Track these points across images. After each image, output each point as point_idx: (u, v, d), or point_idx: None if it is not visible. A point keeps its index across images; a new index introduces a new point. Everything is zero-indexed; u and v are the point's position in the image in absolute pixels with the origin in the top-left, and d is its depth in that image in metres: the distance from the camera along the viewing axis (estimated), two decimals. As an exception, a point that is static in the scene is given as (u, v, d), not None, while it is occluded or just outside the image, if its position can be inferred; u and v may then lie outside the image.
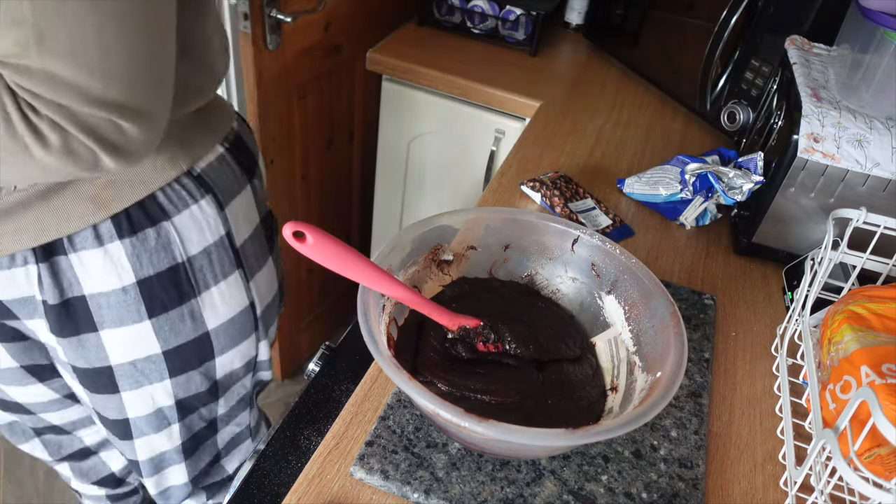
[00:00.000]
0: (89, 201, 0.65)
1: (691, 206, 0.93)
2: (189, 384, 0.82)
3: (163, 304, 0.73)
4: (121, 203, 0.66)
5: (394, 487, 0.57)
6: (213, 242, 0.74)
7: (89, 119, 0.52)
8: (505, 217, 0.67)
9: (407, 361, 0.60)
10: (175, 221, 0.70)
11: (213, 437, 0.95)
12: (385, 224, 1.75)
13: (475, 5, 1.47)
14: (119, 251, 0.68)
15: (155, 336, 0.75)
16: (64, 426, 0.98)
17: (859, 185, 0.79)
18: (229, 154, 0.76)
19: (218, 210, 0.74)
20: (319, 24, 1.33)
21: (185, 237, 0.72)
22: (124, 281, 0.70)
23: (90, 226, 0.66)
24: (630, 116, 1.24)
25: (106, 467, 1.10)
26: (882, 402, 0.51)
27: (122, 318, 0.72)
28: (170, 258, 0.71)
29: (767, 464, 0.65)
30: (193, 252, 0.73)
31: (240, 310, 0.81)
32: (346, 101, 1.55)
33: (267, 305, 0.87)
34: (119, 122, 0.54)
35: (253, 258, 0.82)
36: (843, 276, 0.76)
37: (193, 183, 0.71)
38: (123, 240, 0.68)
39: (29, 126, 0.50)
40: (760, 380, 0.73)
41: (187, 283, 0.74)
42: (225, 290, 0.78)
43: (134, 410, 0.81)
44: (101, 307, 0.71)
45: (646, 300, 0.61)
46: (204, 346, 0.80)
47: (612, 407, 0.59)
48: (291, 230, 0.50)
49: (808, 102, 0.80)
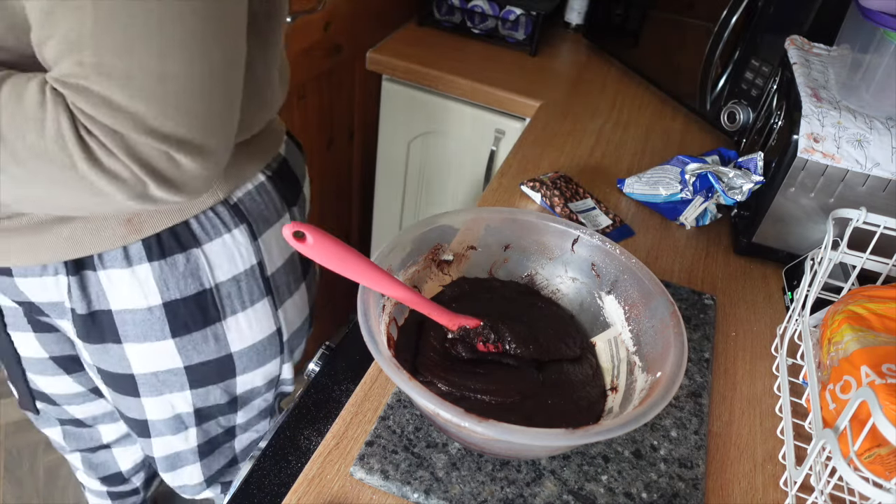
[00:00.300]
0: (124, 223, 0.65)
1: (691, 206, 0.93)
2: (208, 396, 0.82)
3: (187, 325, 0.73)
4: (154, 227, 0.66)
5: (394, 487, 0.57)
6: (244, 271, 0.74)
7: (142, 148, 0.51)
8: (505, 217, 0.67)
9: (407, 361, 0.60)
10: (205, 249, 0.70)
11: (231, 442, 0.96)
12: (385, 224, 1.75)
13: (475, 5, 1.47)
14: (147, 273, 0.68)
15: (178, 353, 0.75)
16: (85, 420, 1.00)
17: (859, 185, 0.79)
18: (271, 182, 0.75)
19: (251, 240, 0.73)
20: (319, 24, 1.33)
21: (215, 264, 0.71)
22: (150, 301, 0.70)
23: (121, 246, 0.66)
24: (630, 116, 1.24)
25: (115, 465, 1.11)
26: (882, 402, 0.51)
27: (145, 334, 0.72)
28: (197, 284, 0.71)
29: (767, 464, 0.65)
30: (222, 279, 0.72)
31: (266, 335, 0.80)
32: (346, 101, 1.55)
33: (295, 331, 0.87)
34: (175, 154, 0.52)
35: (284, 286, 0.81)
36: (843, 276, 0.76)
37: (229, 212, 0.70)
38: (152, 262, 0.68)
39: (82, 145, 0.49)
40: (760, 380, 0.73)
41: (213, 308, 0.73)
42: (252, 316, 0.77)
43: (153, 414, 0.82)
44: (126, 322, 0.71)
45: (646, 300, 0.61)
46: (226, 365, 0.79)
47: (612, 407, 0.59)
48: (291, 230, 0.50)
49: (808, 102, 0.80)
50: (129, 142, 0.50)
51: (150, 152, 0.51)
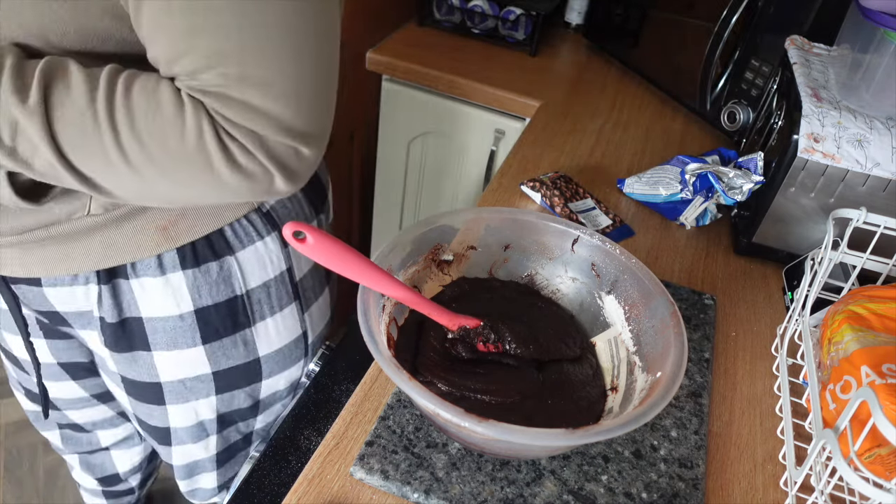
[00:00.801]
0: (159, 232, 0.65)
1: (691, 206, 0.93)
2: (233, 401, 0.82)
3: (217, 331, 0.73)
4: (189, 236, 0.66)
5: (394, 487, 0.57)
6: (273, 277, 0.74)
7: (278, 147, 0.54)
8: (505, 217, 0.67)
9: (407, 361, 0.60)
10: (239, 256, 0.70)
11: (247, 449, 0.96)
12: (385, 224, 1.75)
13: (475, 5, 1.47)
14: (180, 281, 0.68)
15: (207, 359, 0.75)
16: (84, 425, 1.00)
17: (859, 185, 0.79)
18: (300, 190, 0.75)
19: (282, 247, 0.74)
20: (319, 24, 1.33)
21: (247, 271, 0.72)
22: (182, 309, 0.70)
23: (156, 255, 0.66)
24: (630, 116, 1.24)
25: (113, 466, 1.11)
26: (882, 402, 0.51)
27: (175, 342, 0.72)
28: (229, 291, 0.71)
29: (767, 464, 0.65)
30: (253, 285, 0.73)
31: (292, 339, 0.81)
32: (345, 101, 1.55)
33: (319, 333, 0.88)
34: (300, 148, 0.56)
35: (310, 290, 0.82)
36: (843, 276, 0.76)
37: (262, 220, 0.71)
38: (186, 271, 0.68)
39: (221, 147, 0.52)
40: (760, 380, 0.73)
41: (243, 314, 0.74)
42: (280, 322, 0.78)
43: (177, 422, 0.82)
44: (157, 331, 0.71)
45: (646, 300, 0.61)
46: (253, 369, 0.80)
47: (612, 407, 0.59)
48: (291, 230, 0.50)
49: (808, 102, 0.80)
50: (268, 142, 0.54)
51: (283, 150, 0.55)
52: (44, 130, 0.49)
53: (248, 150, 0.53)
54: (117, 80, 0.51)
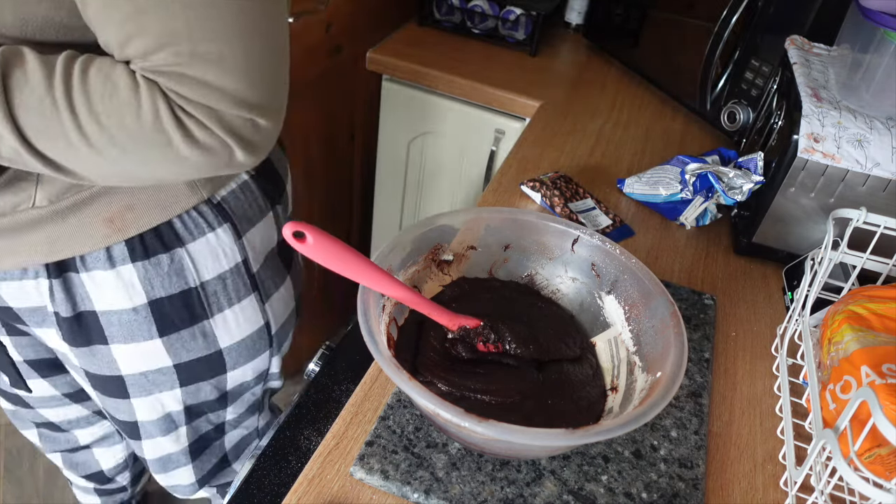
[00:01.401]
0: (105, 224, 0.65)
1: (691, 206, 0.93)
2: (199, 393, 0.82)
3: (174, 324, 0.73)
4: (137, 228, 0.66)
5: (394, 487, 0.57)
6: (229, 269, 0.74)
7: (234, 120, 0.56)
8: (505, 217, 0.67)
9: (407, 361, 0.60)
10: (189, 248, 0.70)
11: (221, 439, 0.96)
12: (385, 224, 1.75)
13: (475, 5, 1.47)
14: (131, 273, 0.68)
15: (166, 352, 0.75)
16: (60, 424, 0.99)
17: (859, 185, 0.79)
18: (254, 181, 0.75)
19: (235, 238, 0.73)
20: (320, 25, 1.33)
21: (200, 264, 0.71)
22: (135, 301, 0.70)
23: (103, 248, 0.66)
24: (630, 116, 1.24)
25: (96, 464, 1.11)
26: (882, 402, 0.51)
27: (132, 334, 0.72)
28: (182, 283, 0.71)
29: (767, 464, 0.65)
30: (207, 278, 0.73)
31: (254, 330, 0.81)
32: (346, 101, 1.55)
33: (283, 324, 0.87)
34: (256, 119, 0.57)
35: (269, 281, 0.81)
36: (843, 276, 0.76)
37: (212, 211, 0.71)
38: (136, 263, 0.68)
39: (178, 124, 0.54)
40: (760, 380, 0.73)
41: (200, 306, 0.73)
42: (239, 313, 0.78)
43: (143, 415, 0.82)
44: (112, 324, 0.71)
45: (646, 300, 0.61)
46: (216, 362, 0.79)
47: (612, 407, 0.59)
48: (291, 230, 0.50)
49: (808, 102, 0.80)
50: (224, 116, 0.55)
51: (240, 123, 0.56)
52: (5, 118, 0.51)
53: (204, 126, 0.54)
54: (73, 65, 0.52)
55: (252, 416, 0.97)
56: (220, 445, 0.97)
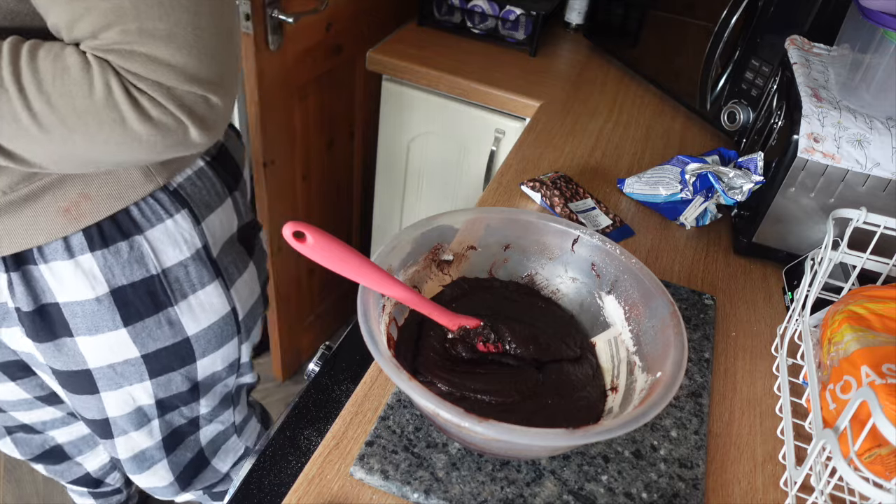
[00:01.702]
0: (61, 214, 0.65)
1: (691, 206, 0.93)
2: (170, 385, 0.81)
3: (138, 312, 0.72)
4: (93, 217, 0.66)
5: (394, 487, 0.57)
6: (190, 256, 0.74)
7: (186, 96, 0.56)
8: (505, 217, 0.67)
9: (407, 361, 0.60)
10: (148, 235, 0.70)
11: (196, 434, 0.95)
12: (385, 224, 1.75)
13: (475, 5, 1.47)
14: (91, 263, 0.68)
15: (132, 342, 0.74)
16: (34, 425, 0.98)
17: (859, 185, 0.79)
18: (210, 167, 0.75)
19: (194, 224, 0.73)
20: (321, 25, 1.33)
21: (159, 251, 0.71)
22: (98, 291, 0.69)
23: (60, 238, 0.66)
24: (630, 116, 1.24)
25: (80, 468, 1.09)
26: (882, 402, 0.51)
27: (97, 325, 0.71)
28: (143, 270, 0.71)
29: (767, 464, 0.65)
30: (168, 265, 0.72)
31: (220, 316, 0.81)
32: (346, 101, 1.55)
33: (249, 310, 0.87)
34: (208, 96, 0.57)
35: (232, 266, 0.81)
36: (843, 276, 0.76)
37: (169, 198, 0.71)
38: (95, 252, 0.68)
39: (131, 101, 0.54)
40: (760, 380, 0.73)
41: (163, 293, 0.73)
42: (204, 299, 0.77)
43: (113, 410, 0.81)
44: (76, 315, 0.70)
45: (646, 300, 0.61)
46: (184, 350, 0.79)
47: (612, 407, 0.59)
48: (291, 230, 0.50)
49: (808, 102, 0.80)
50: (176, 92, 0.55)
51: (193, 99, 0.57)
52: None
53: (157, 102, 0.55)
54: (21, 48, 0.52)
55: (227, 411, 0.97)
56: (195, 440, 0.96)
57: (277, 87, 1.28)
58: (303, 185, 1.51)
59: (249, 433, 1.07)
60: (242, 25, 1.16)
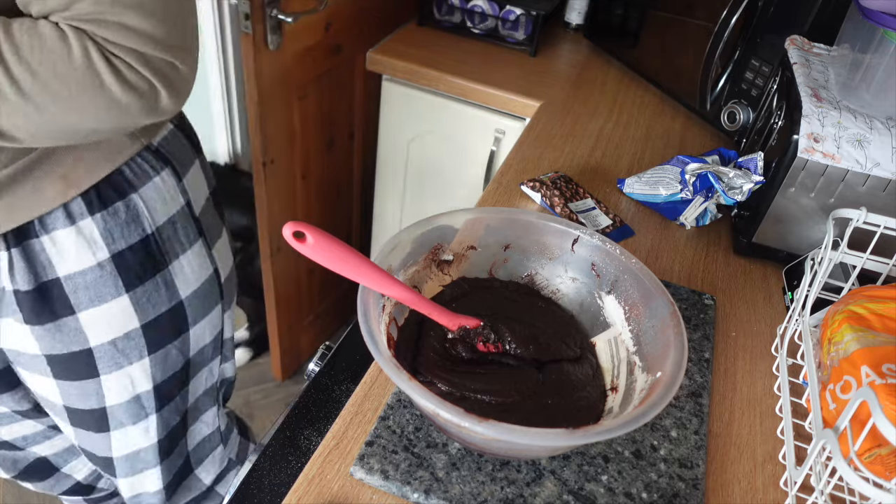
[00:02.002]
0: (60, 180, 0.66)
1: (691, 206, 0.93)
2: (166, 361, 0.83)
3: (138, 275, 0.75)
4: (90, 180, 0.68)
5: (394, 487, 0.57)
6: (177, 212, 0.78)
7: (157, 62, 0.60)
8: (505, 217, 0.67)
9: (407, 361, 0.60)
10: (141, 193, 0.73)
11: (184, 435, 0.95)
12: (385, 224, 1.75)
13: (475, 5, 1.47)
14: (91, 227, 0.69)
15: (133, 310, 0.76)
16: (15, 442, 0.97)
17: (859, 185, 0.79)
18: (178, 130, 0.80)
19: (177, 181, 0.77)
20: (320, 25, 1.33)
21: (152, 208, 0.74)
22: (99, 257, 0.71)
23: (61, 205, 0.67)
24: (630, 116, 1.24)
25: (69, 479, 1.08)
26: (882, 402, 0.51)
27: (100, 295, 0.73)
28: (140, 230, 0.73)
29: (767, 464, 0.65)
30: (161, 222, 0.76)
31: (206, 277, 0.84)
32: (346, 101, 1.55)
33: (228, 275, 0.90)
34: (175, 62, 0.61)
35: (213, 228, 0.85)
36: (843, 276, 0.76)
37: (153, 157, 0.74)
38: (94, 215, 0.69)
39: (109, 66, 0.57)
40: (760, 380, 0.73)
41: (158, 253, 0.76)
42: (192, 259, 0.81)
43: (112, 397, 0.81)
44: (78, 288, 0.71)
45: (646, 300, 0.61)
46: (179, 315, 0.82)
47: (612, 407, 0.59)
48: (291, 230, 0.50)
49: (808, 102, 0.80)
50: (148, 57, 0.59)
51: (164, 65, 0.60)
52: None
53: (133, 67, 0.58)
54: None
55: (211, 409, 0.98)
56: (184, 444, 0.96)
57: (277, 87, 1.28)
58: (302, 184, 1.51)
59: (233, 444, 1.08)
60: (242, 25, 1.16)
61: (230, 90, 1.88)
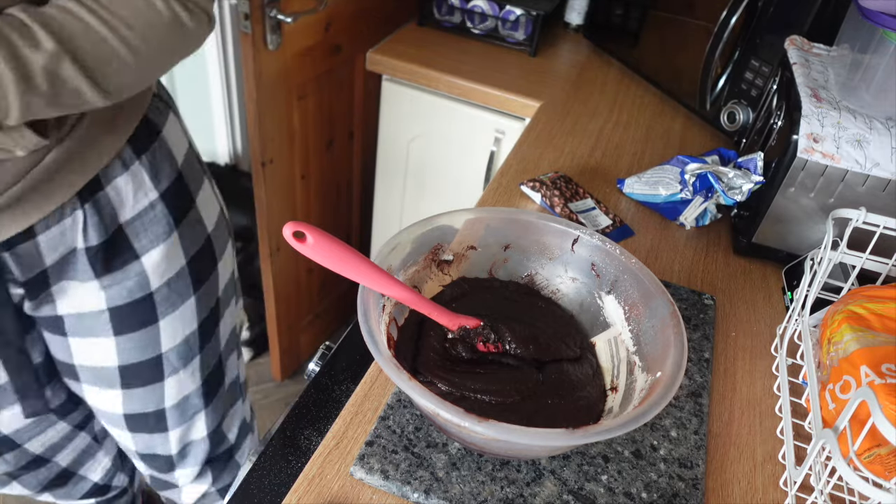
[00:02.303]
0: (111, 130, 0.72)
1: (691, 206, 0.93)
2: (208, 298, 0.90)
3: (181, 213, 0.82)
4: (130, 124, 0.74)
5: (394, 487, 0.57)
6: (187, 151, 0.84)
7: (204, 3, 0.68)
8: (505, 217, 0.67)
9: (407, 361, 0.60)
10: (164, 134, 0.79)
11: (222, 379, 1.00)
12: (385, 224, 1.75)
13: (475, 5, 1.47)
14: (140, 170, 0.76)
15: (181, 247, 0.83)
16: (43, 454, 0.97)
17: (859, 185, 0.79)
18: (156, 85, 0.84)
19: (179, 123, 0.84)
20: (320, 25, 1.33)
21: (174, 146, 0.81)
22: (150, 197, 0.78)
23: (116, 154, 0.72)
24: (630, 116, 1.24)
25: (87, 482, 1.08)
26: (882, 401, 0.51)
27: (157, 235, 0.79)
28: (173, 167, 0.80)
29: (767, 464, 0.65)
30: (180, 160, 0.82)
31: (218, 214, 0.91)
32: (346, 101, 1.55)
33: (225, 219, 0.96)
34: None
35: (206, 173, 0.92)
36: (842, 276, 0.76)
37: (161, 102, 0.80)
38: (141, 157, 0.75)
39: (182, 5, 0.64)
40: (760, 380, 0.74)
41: (187, 189, 0.83)
42: (207, 197, 0.88)
43: (167, 341, 0.86)
44: (139, 231, 0.77)
45: (646, 300, 0.61)
46: (209, 249, 0.88)
47: (612, 407, 0.59)
48: (291, 230, 0.50)
49: (807, 102, 0.80)
50: None
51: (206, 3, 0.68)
52: (73, 63, 0.57)
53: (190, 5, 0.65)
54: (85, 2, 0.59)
55: (232, 354, 1.03)
56: (222, 389, 1.01)
57: (276, 87, 1.28)
58: (302, 184, 1.51)
59: (248, 402, 1.13)
60: (242, 25, 1.16)
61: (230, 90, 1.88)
